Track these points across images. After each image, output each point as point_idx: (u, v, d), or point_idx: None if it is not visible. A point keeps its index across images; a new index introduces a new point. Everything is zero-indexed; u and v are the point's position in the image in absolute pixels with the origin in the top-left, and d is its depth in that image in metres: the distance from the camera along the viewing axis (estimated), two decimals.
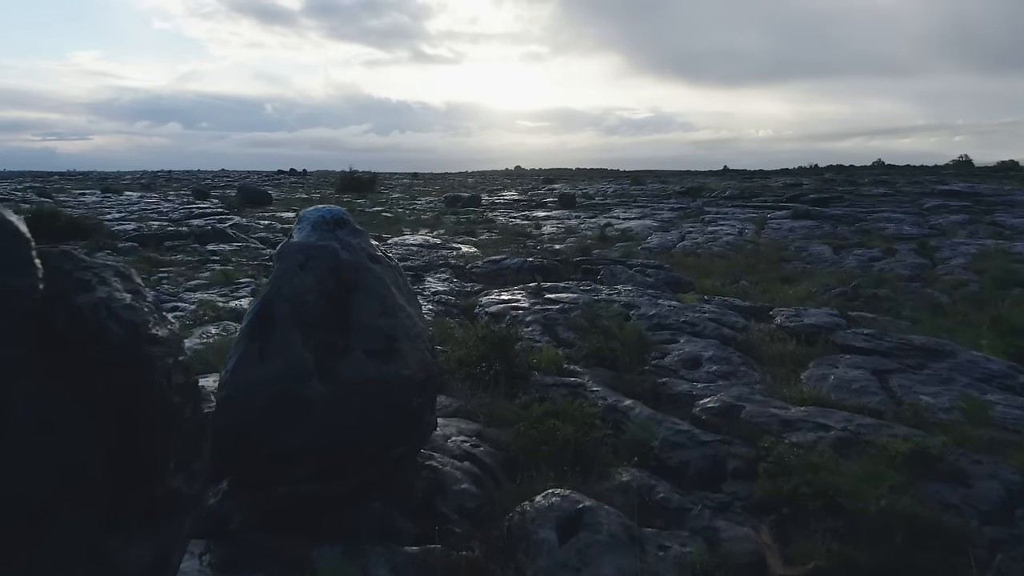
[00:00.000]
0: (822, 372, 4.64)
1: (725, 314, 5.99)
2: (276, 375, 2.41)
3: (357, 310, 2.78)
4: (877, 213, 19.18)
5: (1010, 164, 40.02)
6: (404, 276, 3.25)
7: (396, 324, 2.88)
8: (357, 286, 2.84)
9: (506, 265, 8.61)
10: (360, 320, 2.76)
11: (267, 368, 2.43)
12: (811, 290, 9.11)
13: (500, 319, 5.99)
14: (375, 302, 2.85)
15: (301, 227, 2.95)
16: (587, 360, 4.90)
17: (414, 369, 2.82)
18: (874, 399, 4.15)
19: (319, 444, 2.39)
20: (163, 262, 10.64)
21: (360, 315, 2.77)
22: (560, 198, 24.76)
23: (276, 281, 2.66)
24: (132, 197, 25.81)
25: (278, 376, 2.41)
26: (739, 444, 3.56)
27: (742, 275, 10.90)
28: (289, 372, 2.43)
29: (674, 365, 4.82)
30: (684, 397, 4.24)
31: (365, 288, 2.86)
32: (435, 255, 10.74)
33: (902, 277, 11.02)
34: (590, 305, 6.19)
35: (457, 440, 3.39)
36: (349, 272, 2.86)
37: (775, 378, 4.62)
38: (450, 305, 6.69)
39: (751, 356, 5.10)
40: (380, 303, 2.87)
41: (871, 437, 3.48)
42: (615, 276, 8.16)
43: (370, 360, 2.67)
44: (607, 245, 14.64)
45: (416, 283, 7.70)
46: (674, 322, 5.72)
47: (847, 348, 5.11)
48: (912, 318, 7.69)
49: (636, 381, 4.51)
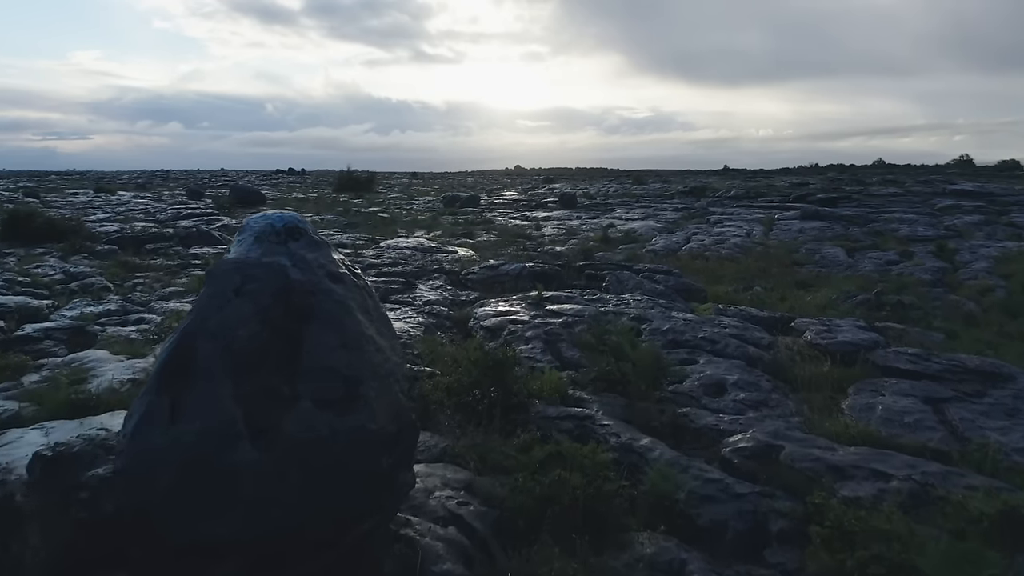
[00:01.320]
0: (866, 400, 4.04)
1: (747, 328, 5.38)
2: (191, 439, 1.81)
3: (310, 345, 2.17)
4: (888, 213, 18.57)
5: (1012, 163, 39.56)
6: (374, 297, 2.64)
7: (361, 361, 2.27)
8: (312, 314, 2.24)
9: (504, 271, 8.01)
10: (314, 358, 2.15)
11: (179, 430, 1.82)
12: (831, 297, 8.50)
13: (497, 334, 5.39)
14: (334, 333, 2.25)
15: (242, 239, 2.35)
16: (595, 385, 4.30)
17: (383, 420, 2.21)
18: (933, 436, 3.55)
19: (247, 535, 1.79)
20: (141, 266, 10.02)
21: (314, 351, 2.16)
22: (561, 198, 24.14)
23: (200, 311, 2.05)
24: (124, 197, 25.20)
25: (194, 441, 1.81)
26: (782, 497, 2.96)
27: (755, 280, 10.29)
28: (209, 434, 1.83)
29: (695, 391, 4.21)
30: (710, 432, 3.63)
31: (322, 316, 2.26)
32: (429, 259, 10.13)
33: (924, 282, 10.41)
34: (596, 318, 5.59)
35: (441, 496, 2.79)
36: (302, 296, 2.25)
37: (812, 407, 4.01)
38: (442, 317, 6.08)
39: (781, 379, 4.50)
40: (341, 334, 2.26)
41: (943, 490, 2.88)
42: (622, 283, 7.55)
43: (324, 412, 2.06)
44: (610, 247, 14.03)
45: (407, 291, 7.10)
46: (691, 338, 5.11)
47: (890, 370, 4.50)
48: (945, 330, 7.09)
49: (653, 412, 3.91)
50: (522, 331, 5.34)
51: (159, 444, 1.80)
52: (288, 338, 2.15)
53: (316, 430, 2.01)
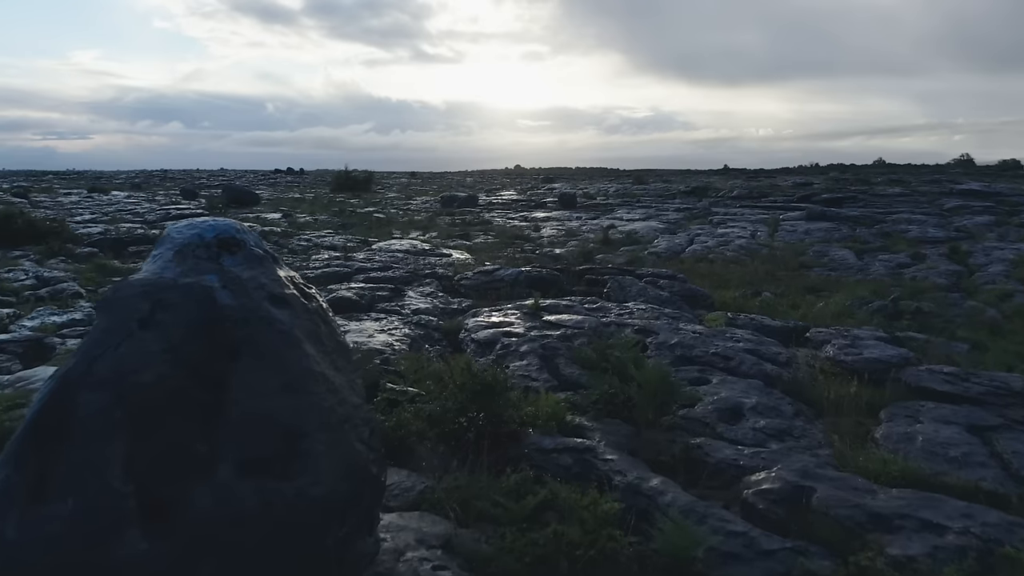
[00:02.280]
0: (902, 428, 3.58)
1: (763, 343, 4.92)
2: (57, 529, 1.36)
3: (240, 388, 1.72)
4: (896, 214, 18.12)
5: (1013, 163, 39.24)
6: (331, 322, 2.18)
7: (307, 406, 1.82)
8: (244, 348, 1.79)
9: (500, 277, 7.55)
10: (244, 406, 1.70)
11: (43, 515, 1.37)
12: (845, 303, 8.04)
13: (489, 348, 4.93)
14: (272, 372, 1.80)
15: (158, 254, 1.89)
16: (597, 409, 3.84)
17: (333, 481, 1.76)
18: (985, 475, 3.09)
19: None
20: (120, 270, 9.56)
21: (244, 397, 1.71)
22: (560, 198, 23.68)
23: (88, 351, 1.60)
24: (117, 197, 24.73)
25: (61, 531, 1.36)
26: (817, 554, 2.51)
27: (762, 285, 9.84)
28: (85, 520, 1.37)
29: (708, 417, 3.75)
30: (729, 469, 3.18)
31: (257, 351, 1.80)
32: (422, 263, 9.67)
33: (939, 287, 9.95)
34: (598, 331, 5.13)
35: (414, 559, 2.33)
36: (233, 326, 1.80)
37: (842, 436, 3.56)
38: (431, 328, 5.63)
39: (803, 401, 4.04)
40: (281, 373, 1.81)
41: (1010, 547, 2.43)
42: (624, 289, 7.09)
43: (251, 477, 1.61)
44: (611, 249, 13.59)
45: (395, 299, 6.64)
46: (702, 354, 4.65)
47: (925, 392, 4.04)
48: (970, 340, 6.64)
49: (662, 442, 3.45)
50: (516, 345, 4.88)
51: (11, 537, 1.35)
52: (210, 382, 1.70)
53: (239, 502, 1.56)
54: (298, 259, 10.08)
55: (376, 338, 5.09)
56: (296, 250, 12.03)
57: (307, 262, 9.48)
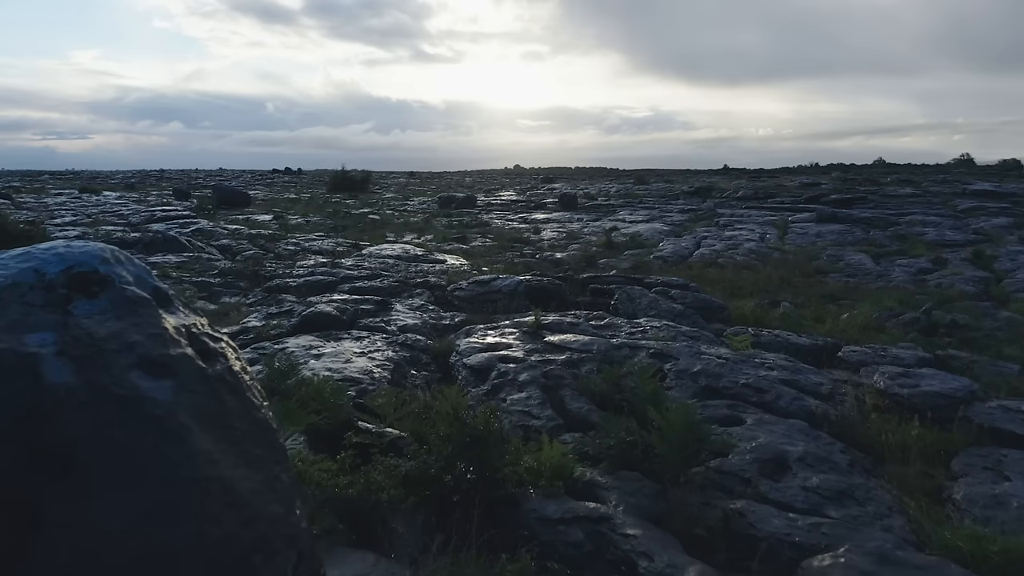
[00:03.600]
0: (987, 489, 2.92)
1: (799, 371, 4.26)
2: None
3: (64, 524, 1.06)
4: (909, 215, 17.47)
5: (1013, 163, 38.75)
6: (246, 392, 1.52)
7: (183, 537, 1.16)
8: (83, 453, 1.13)
9: (496, 287, 6.89)
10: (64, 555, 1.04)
11: None
12: (873, 316, 7.38)
13: (483, 377, 4.27)
14: (127, 489, 1.14)
15: None
16: (611, 459, 3.19)
17: None
18: None
19: None
20: None
21: (70, 538, 1.05)
22: (561, 199, 23.04)
23: None
24: (107, 198, 24.05)
25: None
26: None
27: (779, 293, 9.18)
28: None
29: (747, 469, 3.10)
30: (781, 547, 2.52)
31: (107, 454, 1.15)
32: (413, 270, 9.01)
33: (968, 295, 9.29)
34: (608, 354, 4.47)
35: None
36: (68, 417, 1.14)
37: (914, 498, 2.90)
38: (418, 349, 4.97)
39: (856, 446, 3.39)
40: (140, 490, 1.15)
41: None
42: (633, 301, 6.44)
43: None
44: (615, 253, 12.93)
45: (380, 313, 5.98)
46: (731, 385, 3.99)
47: (1002, 435, 3.39)
48: (1019, 358, 5.98)
49: (694, 507, 2.80)
50: (515, 373, 4.22)
51: None
52: (14, 515, 1.04)
53: None
54: (282, 265, 9.41)
55: (354, 363, 4.43)
56: (282, 255, 11.38)
57: (291, 269, 8.83)
